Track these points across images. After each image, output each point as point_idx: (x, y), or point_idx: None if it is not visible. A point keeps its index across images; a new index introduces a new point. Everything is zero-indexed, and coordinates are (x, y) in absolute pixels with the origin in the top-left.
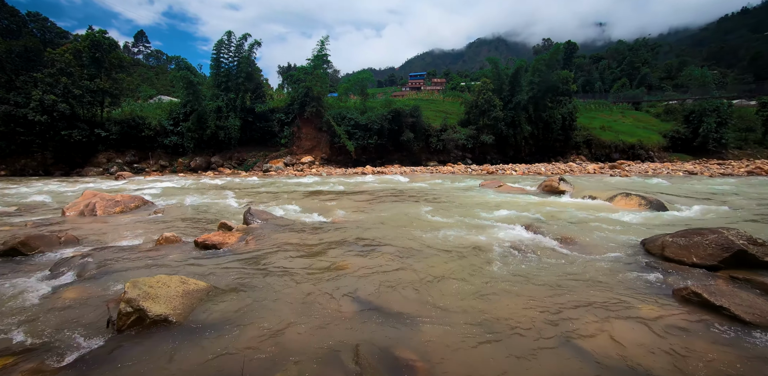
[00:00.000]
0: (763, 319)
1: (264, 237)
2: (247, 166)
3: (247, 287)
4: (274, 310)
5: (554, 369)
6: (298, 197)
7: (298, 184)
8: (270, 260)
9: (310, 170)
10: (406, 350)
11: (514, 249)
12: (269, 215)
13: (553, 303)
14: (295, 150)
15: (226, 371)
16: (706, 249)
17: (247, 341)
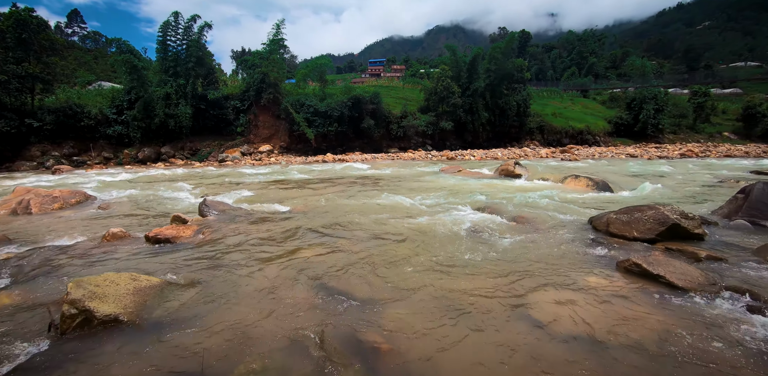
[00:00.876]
0: (693, 284)
1: (221, 229)
2: (201, 156)
3: (204, 281)
4: (234, 302)
5: (512, 341)
6: (257, 186)
7: (256, 174)
8: (228, 251)
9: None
10: (371, 333)
11: (473, 230)
12: (226, 205)
13: (510, 279)
14: (253, 139)
15: (185, 367)
16: (645, 224)
17: (206, 335)
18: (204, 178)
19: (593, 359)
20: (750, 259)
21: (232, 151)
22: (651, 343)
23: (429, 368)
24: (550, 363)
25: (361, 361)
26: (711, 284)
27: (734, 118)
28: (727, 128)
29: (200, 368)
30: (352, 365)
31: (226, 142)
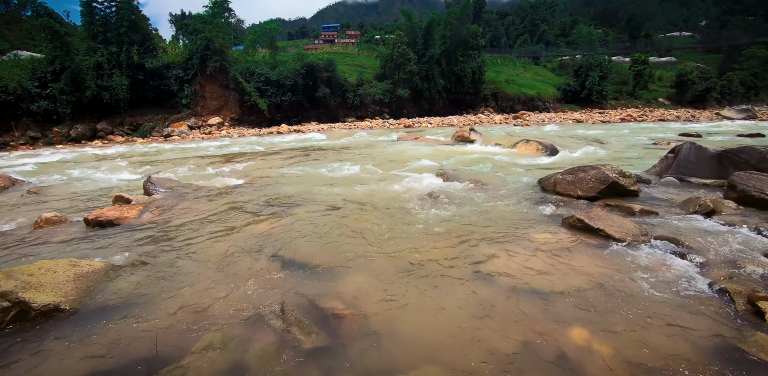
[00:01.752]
0: (628, 235)
1: (170, 206)
2: (144, 131)
3: (155, 261)
4: (188, 280)
5: (468, 297)
6: (208, 161)
7: (207, 148)
8: (180, 229)
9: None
10: (331, 300)
11: (430, 195)
12: (174, 182)
13: (464, 239)
14: (200, 111)
15: (138, 350)
16: (588, 183)
17: (159, 316)
18: (148, 155)
19: (541, 307)
20: (676, 211)
21: (179, 125)
22: (591, 289)
23: (390, 330)
24: (502, 315)
25: (323, 328)
26: (643, 234)
27: (669, 85)
28: (662, 95)
29: (155, 350)
30: (314, 332)
31: (171, 115)
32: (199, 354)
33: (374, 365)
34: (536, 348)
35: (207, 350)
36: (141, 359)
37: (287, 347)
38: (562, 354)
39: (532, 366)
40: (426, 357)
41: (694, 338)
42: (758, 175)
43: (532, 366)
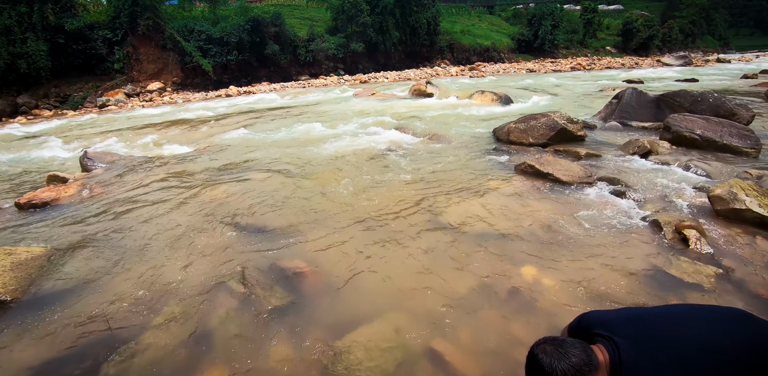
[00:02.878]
0: (574, 178)
1: (113, 181)
2: (75, 103)
3: (102, 241)
4: (141, 255)
5: (428, 246)
6: (151, 130)
7: (149, 117)
8: (125, 204)
9: (162, 99)
10: (293, 261)
11: (388, 150)
12: (116, 155)
13: (423, 191)
14: (136, 76)
15: (92, 335)
16: (539, 130)
17: (113, 296)
18: (83, 129)
19: (495, 250)
20: (617, 153)
21: (114, 94)
22: (540, 230)
23: (353, 283)
24: (460, 259)
25: (285, 287)
26: (588, 176)
27: (615, 33)
28: (610, 43)
29: (109, 331)
30: (276, 292)
31: (104, 83)
32: (159, 328)
33: (339, 317)
34: (491, 287)
35: (168, 322)
36: (97, 341)
37: (251, 309)
38: (514, 290)
39: (488, 304)
40: (389, 305)
41: (629, 266)
42: (690, 117)
43: (487, 304)
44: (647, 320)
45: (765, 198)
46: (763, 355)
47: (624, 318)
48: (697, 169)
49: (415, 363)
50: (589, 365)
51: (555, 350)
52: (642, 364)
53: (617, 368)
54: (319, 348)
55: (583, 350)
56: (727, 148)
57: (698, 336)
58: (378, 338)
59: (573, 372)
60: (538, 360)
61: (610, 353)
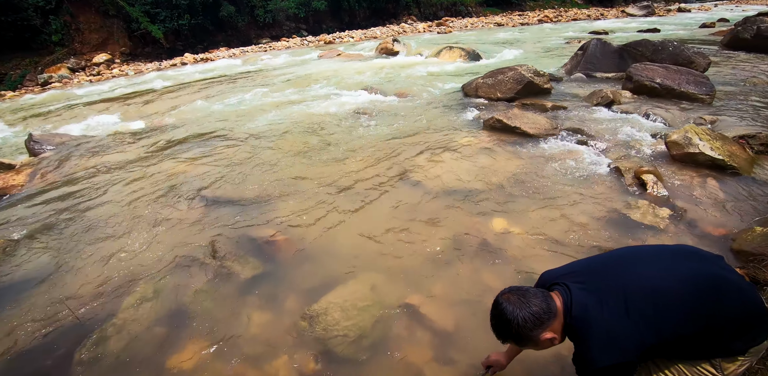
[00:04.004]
0: (541, 130)
1: (64, 164)
2: (12, 82)
3: (59, 227)
4: (104, 238)
5: (400, 205)
6: (104, 106)
7: (99, 92)
8: (81, 187)
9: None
10: (264, 229)
11: (356, 111)
12: (66, 136)
13: (393, 150)
14: (79, 48)
15: (59, 324)
16: (506, 85)
17: (77, 282)
18: (24, 110)
19: (466, 204)
20: (582, 104)
21: (56, 69)
22: (509, 182)
23: (326, 247)
24: (432, 216)
25: (258, 257)
26: (554, 128)
27: None
28: None
29: (76, 319)
30: (249, 262)
31: (43, 58)
32: (131, 309)
33: (314, 281)
34: (463, 241)
35: (139, 303)
36: (66, 330)
37: (225, 282)
38: (485, 242)
39: (460, 257)
40: (364, 266)
41: (592, 212)
42: (651, 66)
43: (460, 257)
44: (598, 266)
45: (716, 141)
46: (704, 289)
47: (577, 267)
48: (656, 117)
49: (391, 318)
50: (549, 313)
51: (518, 299)
52: (590, 306)
53: (569, 309)
54: (297, 312)
55: (543, 300)
56: (685, 95)
57: (643, 276)
58: (354, 298)
59: (533, 320)
60: (502, 309)
61: (564, 299)
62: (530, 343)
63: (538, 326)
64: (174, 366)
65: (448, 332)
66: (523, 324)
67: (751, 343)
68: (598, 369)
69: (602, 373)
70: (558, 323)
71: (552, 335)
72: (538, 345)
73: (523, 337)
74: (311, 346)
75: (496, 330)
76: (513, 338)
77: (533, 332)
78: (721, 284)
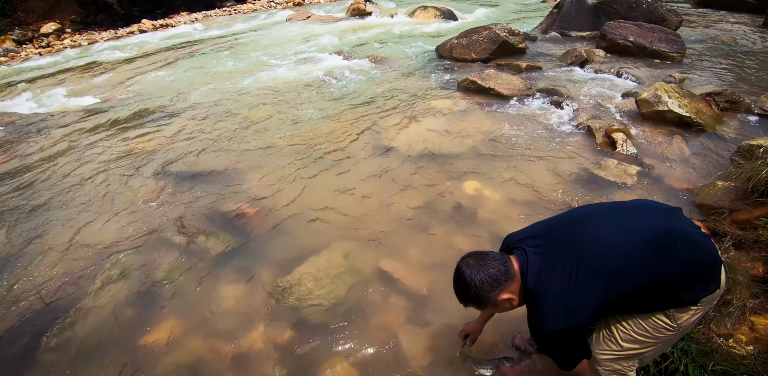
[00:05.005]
0: (515, 91)
1: (15, 145)
2: None
3: (17, 212)
4: (66, 222)
5: (374, 171)
6: (55, 81)
7: (50, 65)
8: (37, 167)
9: (62, 42)
10: (234, 203)
11: (330, 76)
12: (15, 115)
13: (366, 115)
14: (23, 17)
15: (25, 311)
16: (481, 45)
17: (42, 268)
18: None
19: (440, 168)
20: (556, 64)
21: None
22: (482, 144)
23: (299, 217)
24: (405, 181)
25: (229, 231)
26: (528, 89)
27: None
28: None
29: (43, 304)
30: (220, 237)
31: None
32: (99, 292)
33: (287, 252)
34: (436, 205)
35: (107, 285)
36: (31, 317)
37: (196, 259)
38: (458, 206)
39: (433, 221)
40: (337, 235)
41: (563, 171)
42: (624, 24)
43: (433, 221)
44: (554, 228)
45: (684, 99)
46: (657, 243)
47: (536, 229)
48: (628, 75)
49: (365, 285)
50: (506, 275)
51: (476, 262)
52: (543, 272)
53: (525, 273)
54: (270, 285)
55: (502, 263)
56: (656, 53)
57: (597, 236)
58: (327, 267)
59: (489, 282)
60: (461, 272)
61: (521, 261)
62: (489, 304)
63: (495, 287)
64: (147, 346)
65: (422, 296)
66: (480, 286)
67: (703, 293)
68: (548, 333)
69: (552, 336)
70: (516, 285)
71: (509, 296)
72: (498, 307)
73: (482, 298)
74: (286, 317)
75: (457, 293)
76: (472, 301)
77: (491, 294)
78: (675, 236)
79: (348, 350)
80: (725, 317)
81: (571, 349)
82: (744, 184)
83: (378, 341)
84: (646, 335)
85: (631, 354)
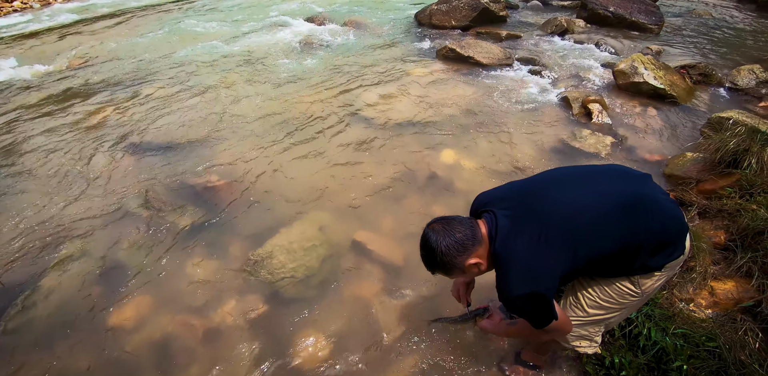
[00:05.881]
0: (494, 60)
1: None
2: None
3: None
4: (21, 199)
5: (350, 141)
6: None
7: None
8: None
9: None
10: (203, 175)
11: (303, 42)
12: None
13: (342, 84)
14: None
15: None
16: (461, 11)
17: None
18: None
19: (417, 137)
20: (537, 33)
21: None
22: (460, 114)
23: (271, 188)
24: (382, 151)
25: (198, 204)
26: (507, 58)
27: None
28: None
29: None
30: (188, 211)
31: None
32: (59, 270)
33: (259, 225)
34: (412, 175)
35: (68, 263)
36: None
37: (162, 233)
38: (434, 175)
39: (409, 191)
40: (311, 206)
41: (539, 142)
42: None
43: (409, 191)
44: (524, 191)
45: (660, 71)
46: (627, 208)
47: (506, 191)
48: (607, 46)
49: (339, 257)
50: (473, 239)
51: (442, 227)
52: (512, 235)
53: (493, 237)
54: (241, 259)
55: (468, 227)
56: (635, 25)
57: (569, 199)
58: (300, 239)
59: (456, 247)
60: (427, 238)
61: (489, 225)
62: (456, 270)
63: (462, 252)
64: (115, 325)
65: (397, 266)
66: (446, 251)
67: (668, 259)
68: (515, 296)
69: (520, 299)
70: (483, 249)
71: (477, 260)
72: (465, 272)
73: (448, 264)
74: (258, 290)
75: (424, 260)
76: (439, 267)
77: (457, 259)
78: (644, 202)
79: (322, 322)
80: (688, 282)
81: (539, 312)
82: (712, 155)
83: (352, 313)
84: (611, 301)
85: (596, 320)
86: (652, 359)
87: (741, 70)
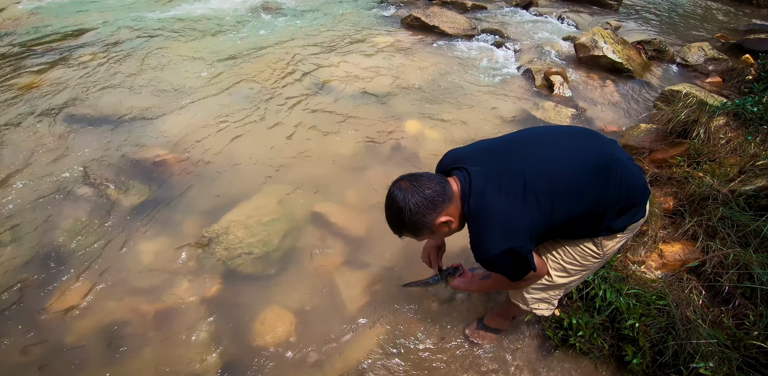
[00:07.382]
0: (459, 30)
1: None
2: None
3: None
4: None
5: (310, 111)
6: None
7: None
8: None
9: None
10: (150, 149)
11: (261, 9)
12: None
13: (302, 52)
14: None
15: None
16: None
17: None
18: None
19: (380, 108)
20: (501, 4)
21: None
22: (424, 84)
23: (226, 163)
24: (344, 122)
25: (145, 180)
26: (472, 28)
27: None
28: None
29: None
30: (134, 187)
31: None
32: None
33: (214, 200)
34: (375, 145)
35: None
36: None
37: (105, 212)
38: (397, 146)
39: (372, 161)
40: (270, 179)
41: (502, 112)
42: None
43: (372, 162)
44: (498, 148)
45: (618, 45)
46: (598, 169)
47: (477, 149)
48: (569, 20)
49: (300, 230)
50: (443, 196)
51: (410, 185)
52: (488, 193)
53: (467, 194)
54: (194, 236)
55: (438, 183)
56: (596, 0)
57: (542, 158)
58: (259, 214)
59: (425, 204)
60: (394, 197)
61: (462, 182)
62: (425, 230)
63: (432, 210)
64: (56, 312)
65: (359, 238)
66: (415, 209)
67: (631, 220)
68: (494, 255)
69: (498, 257)
70: (454, 207)
71: (447, 218)
72: (435, 232)
73: (418, 224)
74: (213, 268)
75: (391, 222)
76: (407, 228)
77: (427, 217)
78: (616, 164)
79: (283, 299)
80: (640, 246)
81: (518, 267)
82: (664, 126)
83: (315, 287)
84: (574, 263)
85: (559, 284)
86: (607, 318)
87: (691, 48)
